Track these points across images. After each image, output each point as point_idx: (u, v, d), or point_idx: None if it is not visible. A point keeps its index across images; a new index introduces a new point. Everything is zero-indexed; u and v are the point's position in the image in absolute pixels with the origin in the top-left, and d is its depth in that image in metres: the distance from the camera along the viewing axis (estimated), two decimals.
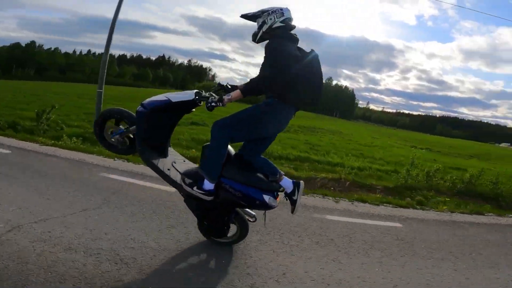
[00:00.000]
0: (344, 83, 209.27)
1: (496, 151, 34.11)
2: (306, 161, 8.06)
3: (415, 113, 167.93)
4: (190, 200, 2.55)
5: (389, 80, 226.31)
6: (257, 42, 2.47)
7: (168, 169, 2.54)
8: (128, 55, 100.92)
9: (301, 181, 2.60)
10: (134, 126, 2.60)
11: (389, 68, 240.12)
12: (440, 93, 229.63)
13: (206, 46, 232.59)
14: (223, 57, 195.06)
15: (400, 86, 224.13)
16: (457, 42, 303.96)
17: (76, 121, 9.99)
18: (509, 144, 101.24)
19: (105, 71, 7.53)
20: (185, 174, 2.47)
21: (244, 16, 2.49)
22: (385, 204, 4.67)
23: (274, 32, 2.35)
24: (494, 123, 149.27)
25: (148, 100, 2.50)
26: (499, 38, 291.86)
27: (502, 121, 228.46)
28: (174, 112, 2.54)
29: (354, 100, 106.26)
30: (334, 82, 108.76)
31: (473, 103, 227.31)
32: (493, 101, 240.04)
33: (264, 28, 2.35)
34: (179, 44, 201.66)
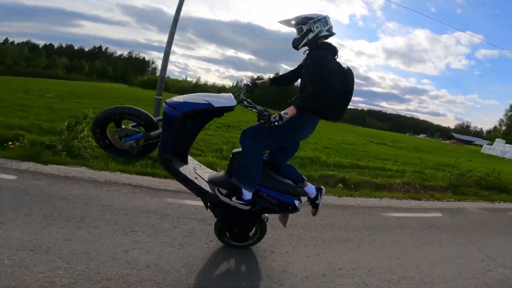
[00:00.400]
0: None
1: (426, 144, 39.33)
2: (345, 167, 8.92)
3: (354, 107, 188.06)
4: (217, 209, 2.52)
5: None
6: (298, 49, 2.48)
7: (196, 178, 2.39)
8: (56, 45, 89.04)
9: (323, 187, 2.76)
10: (157, 131, 2.41)
11: None
12: (365, 88, 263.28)
13: (143, 37, 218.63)
14: (162, 49, 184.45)
15: None
16: (381, 42, 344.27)
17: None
18: (425, 135, 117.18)
19: (165, 75, 7.02)
20: (219, 184, 2.42)
21: (284, 22, 2.46)
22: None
23: (319, 40, 2.39)
24: (408, 116, 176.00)
25: (178, 101, 2.24)
26: (414, 39, 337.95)
27: (414, 114, 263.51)
28: (208, 116, 2.37)
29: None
30: None
31: (391, 98, 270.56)
32: (407, 96, 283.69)
33: (310, 36, 2.34)
34: (111, 34, 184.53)
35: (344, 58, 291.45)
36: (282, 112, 2.14)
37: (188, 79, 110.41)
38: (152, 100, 6.98)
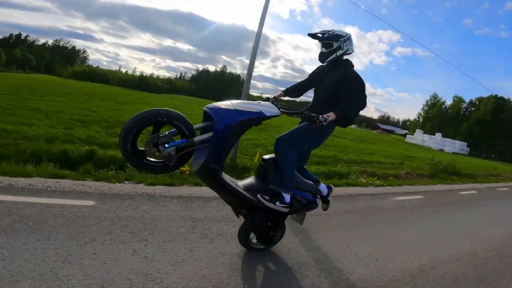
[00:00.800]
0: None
1: (366, 134, 44.92)
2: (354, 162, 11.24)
3: (287, 98, 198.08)
4: (255, 215, 2.52)
5: (261, 67, 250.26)
6: (324, 63, 2.60)
7: (238, 187, 2.38)
8: None
9: (332, 185, 2.95)
10: (201, 137, 2.21)
11: (262, 56, 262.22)
12: (300, 80, 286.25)
13: (65, 25, 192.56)
14: (88, 37, 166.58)
15: (270, 73, 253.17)
16: None
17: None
18: (356, 125, 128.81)
19: (248, 92, 7.37)
20: (258, 191, 2.42)
21: (315, 36, 2.55)
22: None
23: (346, 56, 2.57)
24: None
25: (229, 109, 2.18)
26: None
27: None
28: (253, 124, 2.30)
29: (242, 88, 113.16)
30: (228, 70, 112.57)
31: None
32: None
33: (339, 53, 2.48)
34: (25, 21, 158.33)
35: (282, 51, 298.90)
36: (325, 115, 2.22)
37: (122, 69, 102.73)
38: (109, 96, 7.40)
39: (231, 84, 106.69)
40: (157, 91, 67.98)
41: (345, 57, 2.61)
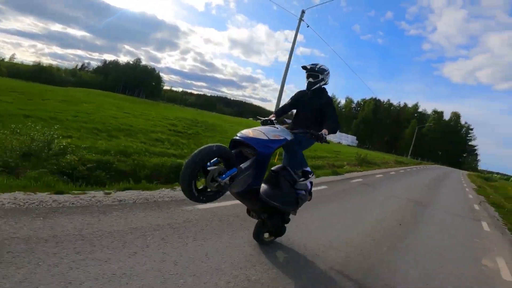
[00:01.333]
0: (122, 58, 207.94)
1: None
2: None
3: (198, 92, 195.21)
4: (275, 216, 3.05)
5: (169, 59, 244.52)
6: (310, 90, 3.22)
7: (266, 199, 2.80)
8: None
9: (312, 181, 3.42)
10: (245, 164, 2.53)
11: (171, 47, 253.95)
12: (209, 74, 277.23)
13: None
14: None
15: (178, 66, 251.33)
16: (228, 32, 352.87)
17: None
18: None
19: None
20: (278, 197, 2.89)
21: (306, 69, 3.22)
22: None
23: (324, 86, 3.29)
24: (247, 102, 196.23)
25: (264, 139, 2.55)
26: (256, 33, 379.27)
27: (248, 99, 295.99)
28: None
29: (160, 82, 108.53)
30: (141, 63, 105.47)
31: (231, 84, 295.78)
32: (244, 83, 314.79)
33: (322, 83, 3.23)
34: None
35: (193, 43, 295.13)
36: (323, 132, 2.82)
37: None
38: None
39: (145, 78, 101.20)
40: (60, 84, 60.67)
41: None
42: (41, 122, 8.57)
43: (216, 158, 2.37)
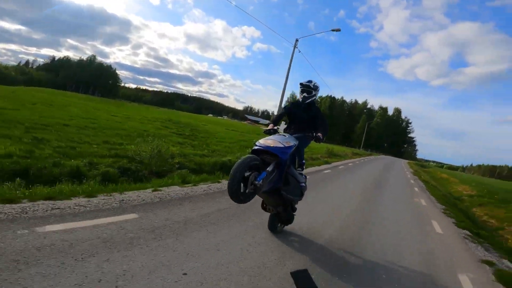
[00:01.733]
0: (66, 53, 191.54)
1: (245, 127, 51.14)
2: None
3: (152, 88, 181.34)
4: (288, 209, 3.79)
5: (119, 54, 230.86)
6: (304, 104, 3.83)
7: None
8: None
9: (305, 175, 3.96)
10: (271, 168, 3.10)
11: (121, 42, 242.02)
12: (163, 70, 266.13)
13: None
14: None
15: (129, 61, 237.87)
16: (184, 27, 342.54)
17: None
18: (226, 116, 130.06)
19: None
20: (289, 192, 3.49)
21: (303, 85, 3.86)
22: None
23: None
24: (201, 97, 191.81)
25: (280, 146, 3.14)
26: (213, 28, 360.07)
27: (205, 95, 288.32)
28: None
29: (117, 80, 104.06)
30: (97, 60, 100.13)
31: (186, 80, 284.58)
32: (200, 79, 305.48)
33: (313, 99, 3.90)
34: None
35: (146, 38, 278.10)
36: (320, 135, 3.52)
37: None
38: None
39: (100, 75, 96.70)
40: (11, 83, 56.77)
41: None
42: (87, 131, 10.09)
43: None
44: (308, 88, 3.81)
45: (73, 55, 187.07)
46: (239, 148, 12.06)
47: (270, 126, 3.76)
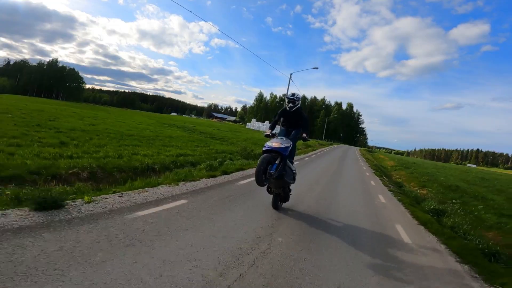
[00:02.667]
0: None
1: (226, 125, 61.05)
2: None
3: (107, 88, 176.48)
4: (285, 190, 5.16)
5: (62, 52, 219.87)
6: (291, 111, 5.00)
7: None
8: None
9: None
10: (278, 161, 4.43)
11: (64, 39, 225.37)
12: (114, 68, 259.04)
13: None
14: None
15: (74, 59, 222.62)
16: (137, 22, 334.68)
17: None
18: (192, 115, 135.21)
19: None
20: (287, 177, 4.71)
21: (289, 98, 5.02)
22: None
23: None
24: (161, 95, 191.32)
25: (281, 146, 4.39)
26: (168, 24, 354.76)
27: (160, 93, 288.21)
28: None
29: (80, 82, 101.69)
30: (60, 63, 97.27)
31: (140, 77, 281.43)
32: (155, 76, 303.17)
33: (297, 106, 5.04)
34: None
35: (93, 35, 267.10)
36: (305, 135, 4.93)
37: None
38: None
39: (64, 79, 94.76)
40: None
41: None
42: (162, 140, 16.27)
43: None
44: (292, 100, 5.04)
45: (7, 54, 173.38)
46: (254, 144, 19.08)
47: (269, 131, 5.05)
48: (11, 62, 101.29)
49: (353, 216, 5.86)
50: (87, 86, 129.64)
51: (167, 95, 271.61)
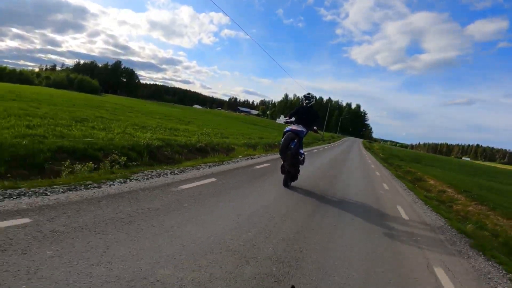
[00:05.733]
0: (11, 43, 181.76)
1: (256, 119, 79.93)
2: None
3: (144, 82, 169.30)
4: (297, 168, 6.23)
5: (73, 42, 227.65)
6: (307, 107, 6.20)
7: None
8: None
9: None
10: (296, 140, 5.76)
11: (75, 30, 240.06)
12: (123, 57, 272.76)
13: None
14: None
15: (85, 49, 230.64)
16: (147, 13, 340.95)
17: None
18: (220, 109, 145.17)
19: None
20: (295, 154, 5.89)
21: (306, 97, 6.30)
22: None
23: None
24: (187, 89, 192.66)
25: (298, 129, 5.79)
26: (179, 15, 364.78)
27: (169, 82, 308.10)
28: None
29: (137, 80, 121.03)
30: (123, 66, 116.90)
31: (149, 67, 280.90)
32: (164, 66, 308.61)
33: (311, 104, 6.25)
34: None
35: (104, 25, 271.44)
36: (316, 128, 6.44)
37: None
38: None
39: (121, 77, 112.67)
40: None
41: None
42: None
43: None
44: (308, 98, 6.26)
45: (18, 44, 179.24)
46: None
47: (288, 119, 6.38)
48: (81, 63, 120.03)
49: (352, 159, 27.11)
50: None
51: (176, 84, 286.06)
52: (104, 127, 9.49)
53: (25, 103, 13.09)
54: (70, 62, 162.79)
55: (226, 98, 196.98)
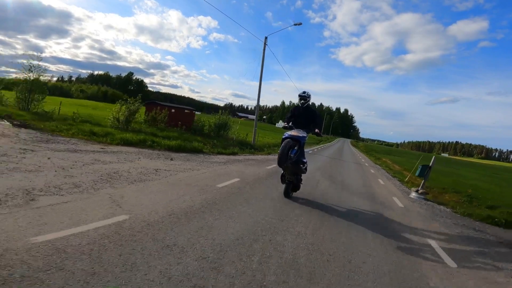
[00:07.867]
0: None
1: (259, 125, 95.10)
2: None
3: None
4: (298, 177, 5.74)
5: (56, 47, 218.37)
6: (303, 105, 5.63)
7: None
8: None
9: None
10: (297, 148, 5.16)
11: (59, 35, 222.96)
12: (110, 62, 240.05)
13: None
14: None
15: (69, 54, 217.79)
16: (134, 18, 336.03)
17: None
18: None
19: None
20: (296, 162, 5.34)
21: (301, 96, 5.65)
22: None
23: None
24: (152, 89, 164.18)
25: (299, 135, 5.11)
26: (167, 19, 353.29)
27: (157, 87, 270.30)
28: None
29: (146, 88, 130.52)
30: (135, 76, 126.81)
31: (136, 72, 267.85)
32: (152, 70, 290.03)
33: (308, 103, 5.66)
34: None
35: (89, 30, 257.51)
36: (318, 131, 5.50)
37: None
38: None
39: (136, 87, 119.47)
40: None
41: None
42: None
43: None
44: (303, 97, 5.68)
45: (1, 50, 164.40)
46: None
47: (286, 124, 5.74)
48: (94, 74, 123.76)
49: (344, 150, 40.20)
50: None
51: (163, 89, 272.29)
52: None
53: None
54: (53, 68, 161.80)
55: (216, 102, 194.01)
